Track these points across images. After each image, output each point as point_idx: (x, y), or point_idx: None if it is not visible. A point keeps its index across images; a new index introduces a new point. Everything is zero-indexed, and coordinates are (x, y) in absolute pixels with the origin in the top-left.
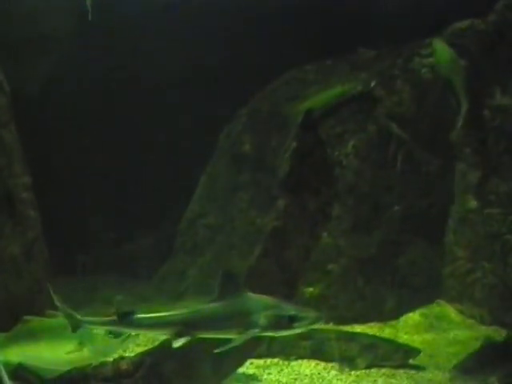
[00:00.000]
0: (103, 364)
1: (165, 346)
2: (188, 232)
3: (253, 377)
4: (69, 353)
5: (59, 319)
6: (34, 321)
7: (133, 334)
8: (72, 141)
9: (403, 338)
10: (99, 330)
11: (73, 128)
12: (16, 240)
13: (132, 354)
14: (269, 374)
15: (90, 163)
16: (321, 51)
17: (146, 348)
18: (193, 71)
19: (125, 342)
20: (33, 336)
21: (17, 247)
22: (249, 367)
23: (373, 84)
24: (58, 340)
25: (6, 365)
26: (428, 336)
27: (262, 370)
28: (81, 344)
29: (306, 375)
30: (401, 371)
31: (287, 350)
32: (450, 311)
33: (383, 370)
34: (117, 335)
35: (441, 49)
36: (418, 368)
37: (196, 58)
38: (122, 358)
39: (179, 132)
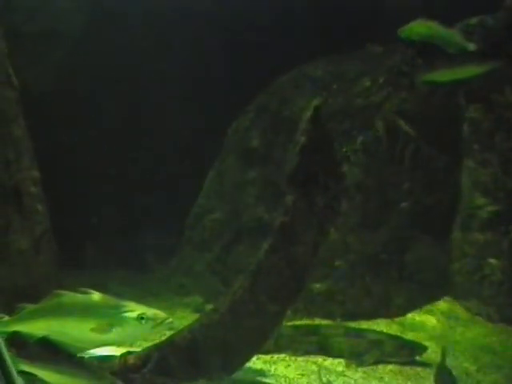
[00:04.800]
0: (111, 358)
1: (172, 340)
2: (195, 227)
3: (260, 372)
4: (93, 330)
5: (90, 296)
6: (65, 296)
7: (169, 320)
8: (80, 135)
9: (410, 334)
10: (132, 314)
11: (80, 123)
12: (24, 234)
13: (139, 349)
14: (275, 369)
15: (99, 158)
16: (329, 47)
17: (153, 343)
18: (200, 67)
19: (156, 328)
20: (61, 311)
21: (25, 241)
22: (256, 362)
23: None
24: (87, 318)
25: (30, 337)
26: (435, 333)
27: (268, 365)
28: (110, 325)
29: (313, 371)
30: (407, 368)
31: (294, 346)
32: (457, 308)
33: (390, 367)
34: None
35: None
36: (424, 365)
37: (204, 55)
38: (129, 352)
39: (188, 127)
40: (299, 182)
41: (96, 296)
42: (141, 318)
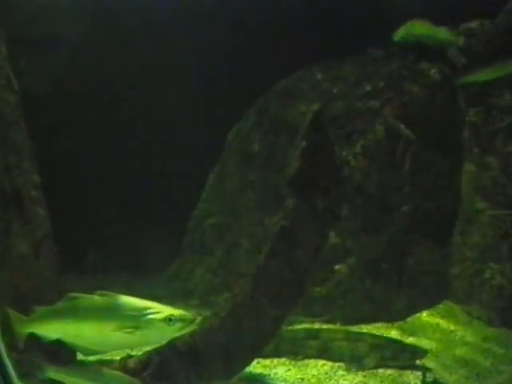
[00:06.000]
0: (110, 362)
1: (173, 344)
2: (196, 231)
3: (260, 376)
4: (116, 332)
5: (112, 298)
6: (80, 298)
7: (197, 320)
8: (81, 138)
9: (410, 338)
10: (158, 315)
11: (81, 126)
12: (25, 238)
13: (140, 353)
14: (276, 373)
15: (101, 160)
16: (329, 51)
17: (154, 346)
18: (202, 70)
19: (184, 329)
20: (78, 314)
21: (25, 245)
22: (256, 366)
23: None
24: (107, 321)
25: (43, 339)
26: (435, 337)
27: (268, 369)
28: (135, 327)
29: (313, 375)
30: (408, 372)
31: (294, 350)
32: (458, 312)
33: (390, 371)
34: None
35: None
36: (424, 369)
37: (205, 58)
38: (129, 356)
39: (189, 130)
40: (300, 185)
41: (119, 298)
42: (169, 319)
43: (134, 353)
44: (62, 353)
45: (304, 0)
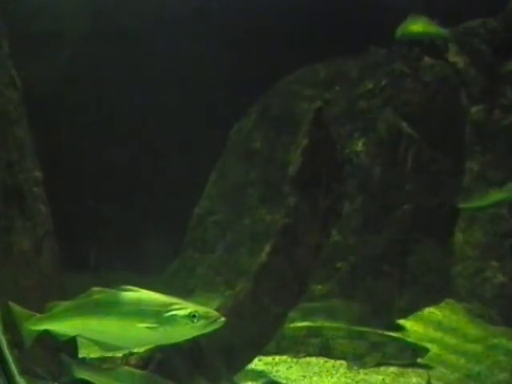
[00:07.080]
0: (112, 358)
1: None
2: (197, 228)
3: (262, 374)
4: (140, 328)
5: (132, 294)
6: (103, 293)
7: (222, 319)
8: (82, 136)
9: (412, 336)
10: (182, 311)
11: (82, 124)
12: (26, 235)
13: (142, 349)
14: (277, 370)
15: (102, 159)
16: (331, 49)
17: None
18: (204, 68)
19: (208, 326)
20: (100, 309)
21: (27, 242)
22: (257, 364)
23: None
24: (130, 316)
25: (60, 337)
26: (437, 335)
27: (270, 366)
28: (159, 323)
29: (315, 373)
30: (409, 370)
31: (296, 348)
32: (459, 310)
33: (392, 369)
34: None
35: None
36: (426, 367)
37: (207, 55)
38: (131, 353)
39: (190, 129)
40: (301, 183)
41: (142, 293)
42: (193, 315)
43: (135, 350)
44: (64, 350)
45: None
